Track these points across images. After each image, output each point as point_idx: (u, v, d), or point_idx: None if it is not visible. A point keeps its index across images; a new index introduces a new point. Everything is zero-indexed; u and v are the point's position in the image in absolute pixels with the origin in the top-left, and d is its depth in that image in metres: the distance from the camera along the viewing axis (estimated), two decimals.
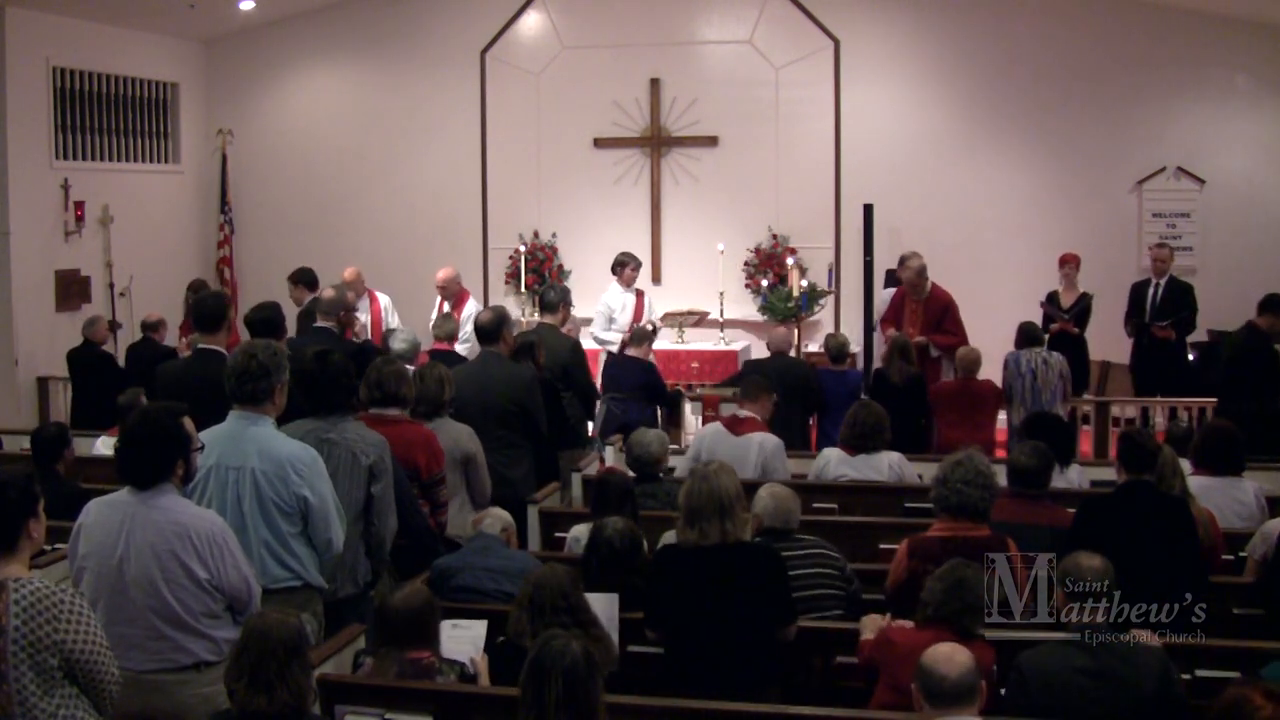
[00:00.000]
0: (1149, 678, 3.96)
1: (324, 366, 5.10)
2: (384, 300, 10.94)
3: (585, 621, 4.32)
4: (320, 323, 7.84)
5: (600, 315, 10.79)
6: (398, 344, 8.38)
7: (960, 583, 4.23)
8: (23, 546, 3.68)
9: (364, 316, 10.56)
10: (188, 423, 4.27)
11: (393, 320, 10.72)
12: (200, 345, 6.38)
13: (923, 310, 10.03)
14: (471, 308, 10.52)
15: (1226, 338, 9.47)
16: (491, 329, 7.33)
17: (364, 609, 5.08)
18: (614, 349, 10.07)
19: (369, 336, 10.13)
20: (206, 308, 6.48)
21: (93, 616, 3.67)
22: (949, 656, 3.59)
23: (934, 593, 4.27)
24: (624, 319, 10.60)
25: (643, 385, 9.15)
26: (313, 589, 4.74)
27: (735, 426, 7.29)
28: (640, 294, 10.92)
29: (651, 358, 9.42)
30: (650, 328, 10.31)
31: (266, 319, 6.81)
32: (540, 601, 4.29)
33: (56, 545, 5.64)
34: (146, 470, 4.14)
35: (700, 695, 4.25)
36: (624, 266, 10.77)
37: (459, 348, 9.25)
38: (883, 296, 10.89)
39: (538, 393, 7.26)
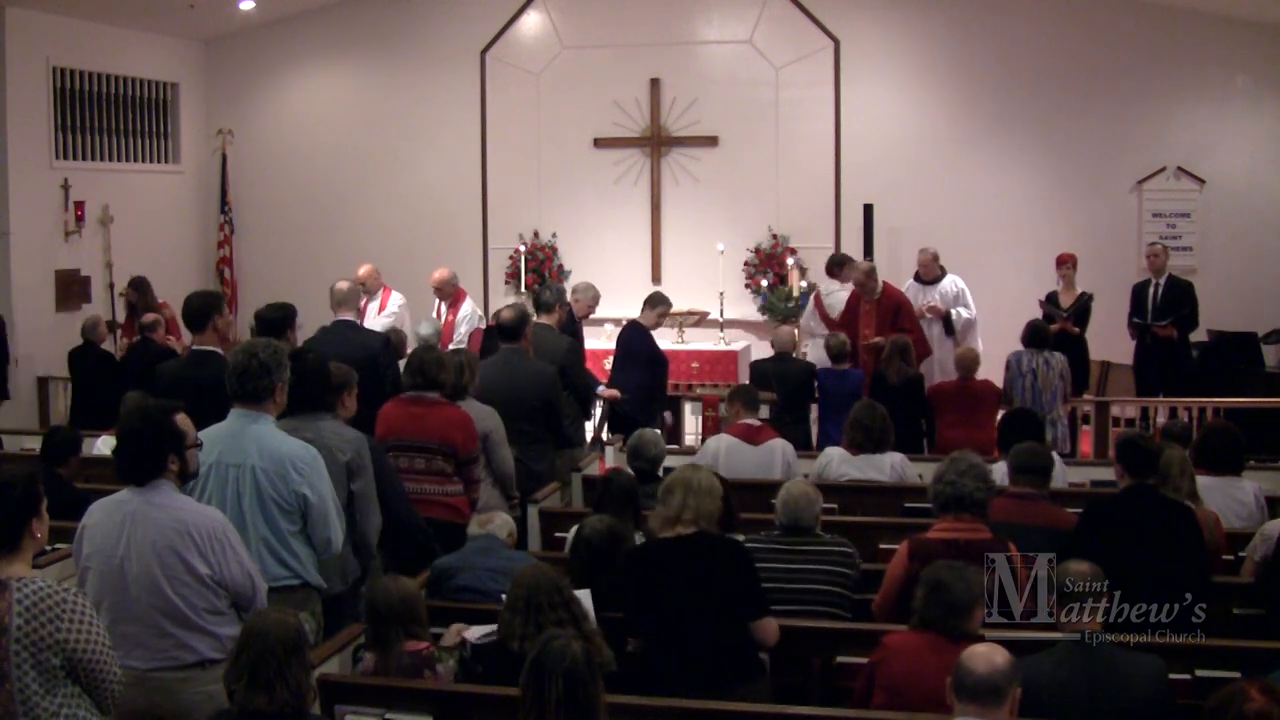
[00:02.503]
0: (1142, 686, 3.94)
1: (299, 365, 5.10)
2: (396, 299, 10.90)
3: (579, 617, 4.30)
4: (341, 315, 7.93)
5: (812, 316, 10.78)
6: (424, 329, 8.72)
7: (938, 586, 4.16)
8: (26, 546, 3.69)
9: (374, 310, 10.70)
10: (184, 420, 4.27)
11: (405, 319, 10.63)
12: (196, 346, 6.40)
13: (876, 310, 10.10)
14: (468, 308, 10.49)
15: None
16: (514, 327, 7.40)
17: (355, 606, 5.09)
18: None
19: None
20: (192, 306, 6.44)
21: (95, 616, 3.68)
22: (985, 655, 3.58)
23: (919, 599, 4.26)
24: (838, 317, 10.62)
25: (640, 351, 9.33)
26: (311, 588, 4.76)
27: (753, 436, 7.24)
28: (854, 292, 10.69)
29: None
30: None
31: (271, 319, 6.79)
32: (536, 602, 4.26)
33: (57, 545, 5.66)
34: (140, 466, 4.15)
35: (678, 691, 4.22)
36: (841, 266, 10.74)
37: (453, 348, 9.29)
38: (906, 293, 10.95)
39: (560, 389, 7.41)
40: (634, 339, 9.44)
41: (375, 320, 10.34)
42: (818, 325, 10.80)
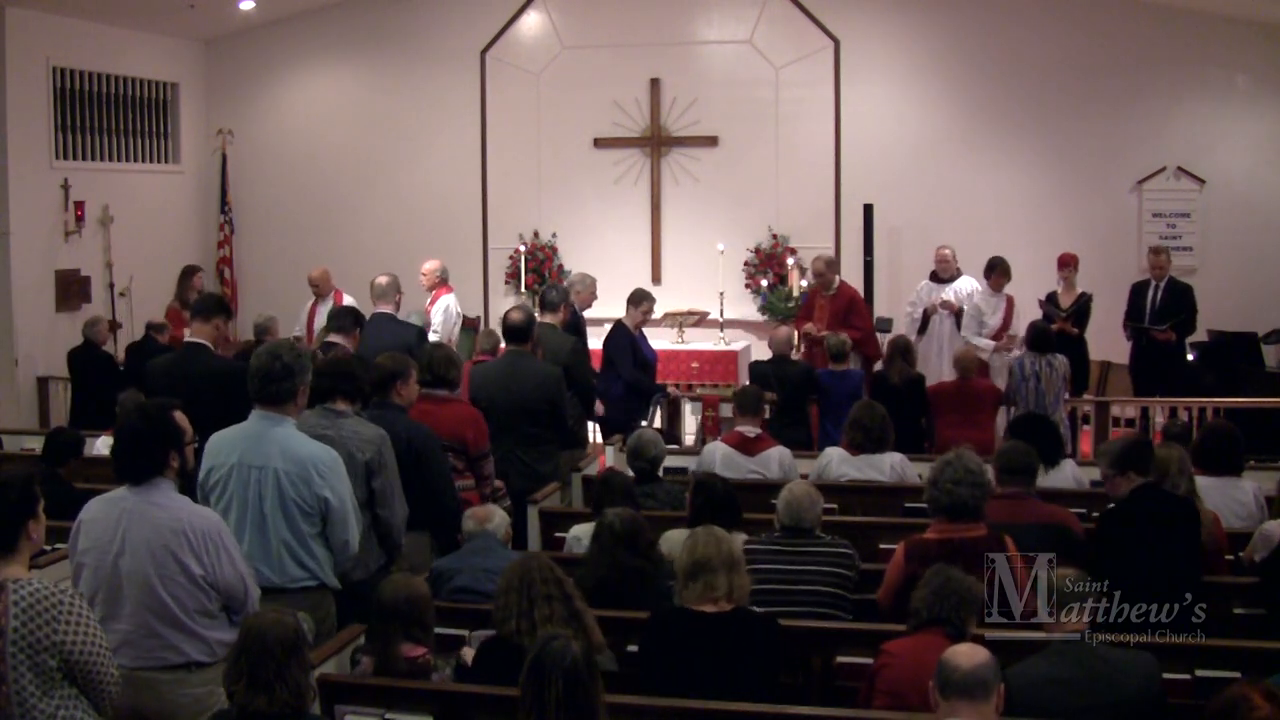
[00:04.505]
0: (1135, 684, 3.94)
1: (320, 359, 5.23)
2: (348, 301, 10.82)
3: (571, 603, 4.25)
4: (380, 308, 8.11)
5: (971, 319, 10.55)
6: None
7: (947, 581, 4.22)
8: (22, 547, 3.69)
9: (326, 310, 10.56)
10: (180, 417, 4.29)
11: None
12: (189, 339, 6.46)
13: (830, 305, 10.11)
14: (443, 303, 10.31)
15: None
16: (522, 329, 7.42)
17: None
18: (985, 355, 9.97)
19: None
20: (210, 298, 6.75)
21: (92, 617, 3.67)
22: (967, 652, 3.60)
23: (922, 598, 4.25)
24: (994, 321, 10.39)
25: (614, 354, 9.19)
26: (327, 589, 4.81)
27: (749, 446, 7.21)
28: (1010, 299, 10.54)
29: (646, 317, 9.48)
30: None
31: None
32: (529, 580, 4.22)
33: (56, 546, 5.66)
34: (139, 466, 4.15)
35: None
36: (993, 270, 10.49)
37: (431, 337, 9.30)
38: (920, 292, 10.99)
39: (565, 390, 7.46)
40: (609, 342, 9.37)
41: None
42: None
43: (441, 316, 10.03)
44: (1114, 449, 5.40)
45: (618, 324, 9.44)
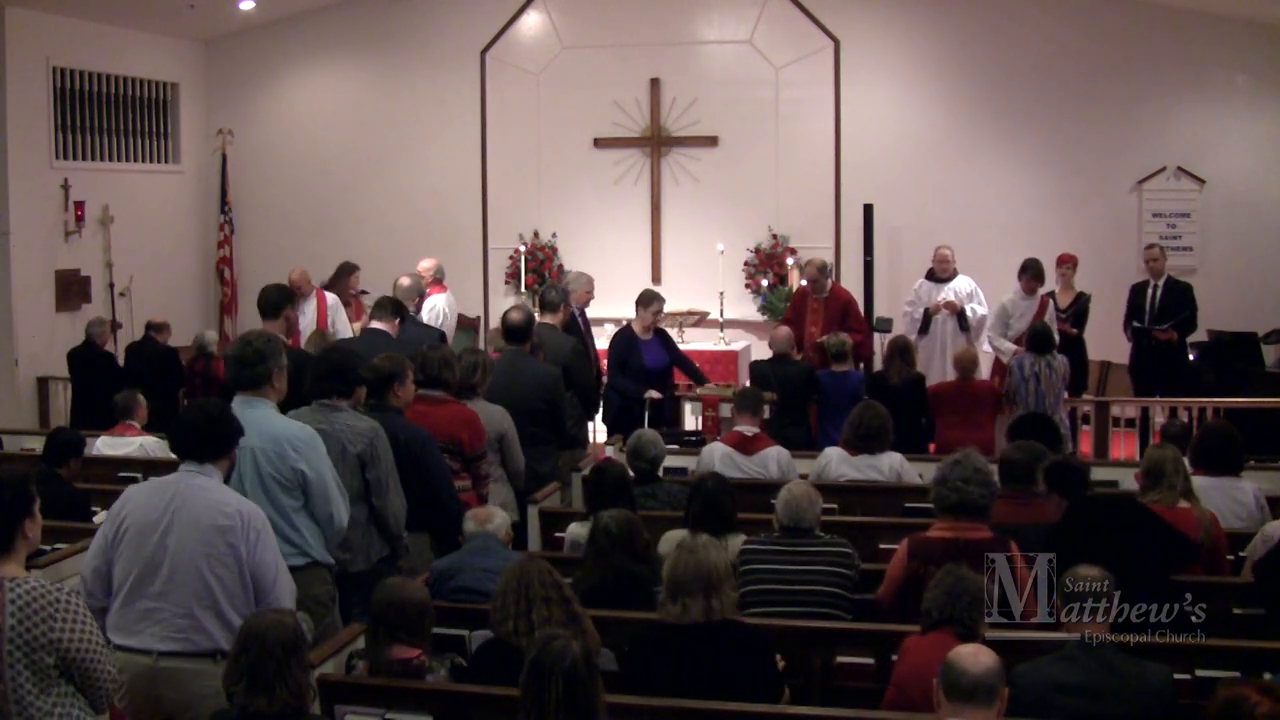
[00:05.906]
0: (1146, 693, 3.92)
1: (316, 356, 5.40)
2: (330, 299, 10.77)
3: (570, 605, 4.24)
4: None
5: (998, 319, 10.36)
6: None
7: (959, 581, 4.21)
8: (19, 547, 3.68)
9: (311, 311, 10.42)
10: None
11: (337, 320, 10.37)
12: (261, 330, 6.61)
13: (824, 308, 10.09)
14: (434, 301, 10.20)
15: None
16: (522, 329, 7.47)
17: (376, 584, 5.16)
18: (1006, 358, 9.79)
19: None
20: (269, 296, 7.16)
21: (89, 615, 3.67)
22: (973, 654, 3.59)
23: (934, 598, 4.23)
24: (1020, 325, 10.09)
25: (614, 357, 9.18)
26: (320, 565, 4.91)
27: (747, 446, 7.20)
28: (1044, 300, 10.27)
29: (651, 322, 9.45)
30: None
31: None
32: (528, 582, 4.21)
33: (57, 546, 5.66)
34: (209, 445, 4.29)
35: None
36: (1025, 272, 10.29)
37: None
38: (918, 291, 10.98)
39: (564, 391, 7.52)
40: (611, 345, 9.35)
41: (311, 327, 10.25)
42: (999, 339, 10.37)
43: (428, 316, 9.97)
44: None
45: (623, 327, 9.45)
